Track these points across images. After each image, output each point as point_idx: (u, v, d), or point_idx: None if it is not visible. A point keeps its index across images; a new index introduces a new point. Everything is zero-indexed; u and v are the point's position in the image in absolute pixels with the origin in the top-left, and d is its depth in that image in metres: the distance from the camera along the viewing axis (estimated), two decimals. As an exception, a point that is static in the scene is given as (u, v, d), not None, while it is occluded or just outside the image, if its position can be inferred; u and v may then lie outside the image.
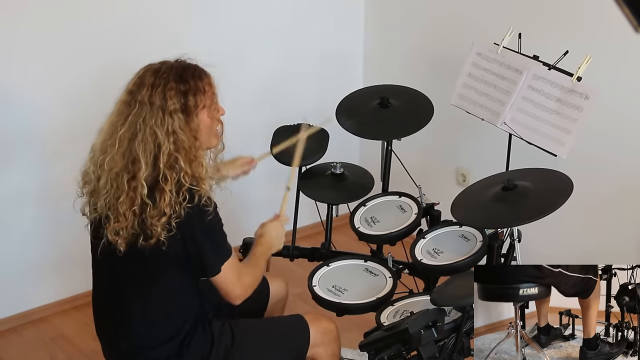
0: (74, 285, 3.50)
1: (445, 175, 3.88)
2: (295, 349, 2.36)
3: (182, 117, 2.10)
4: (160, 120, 2.08)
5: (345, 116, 3.07)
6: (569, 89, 2.69)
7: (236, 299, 2.24)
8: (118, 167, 2.08)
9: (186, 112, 2.11)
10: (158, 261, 2.11)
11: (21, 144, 3.26)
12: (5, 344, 3.35)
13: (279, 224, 2.45)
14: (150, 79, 2.11)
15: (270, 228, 2.42)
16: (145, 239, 2.07)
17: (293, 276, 3.07)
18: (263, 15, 3.75)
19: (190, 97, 2.12)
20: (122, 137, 2.09)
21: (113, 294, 2.23)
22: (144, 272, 2.16)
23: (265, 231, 2.41)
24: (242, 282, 2.24)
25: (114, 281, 2.22)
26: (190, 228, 2.09)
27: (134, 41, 3.37)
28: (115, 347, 2.28)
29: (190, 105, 2.12)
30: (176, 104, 2.09)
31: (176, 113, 2.09)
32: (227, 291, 2.22)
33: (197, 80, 2.16)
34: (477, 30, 3.49)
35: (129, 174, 2.07)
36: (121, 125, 2.10)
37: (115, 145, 2.09)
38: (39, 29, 3.16)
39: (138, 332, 2.20)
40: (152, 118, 2.08)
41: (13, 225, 3.34)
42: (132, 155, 2.08)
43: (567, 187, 2.45)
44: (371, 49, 4.12)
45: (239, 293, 2.24)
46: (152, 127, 2.07)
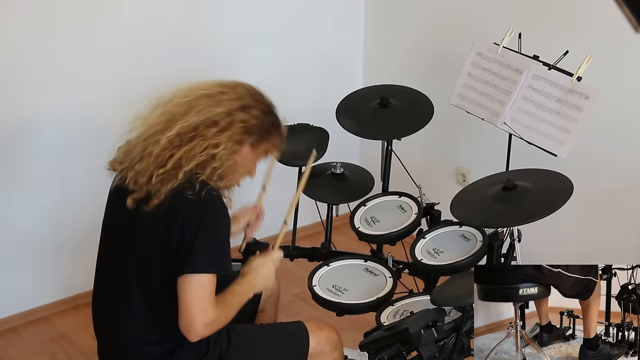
0: (74, 285, 3.50)
1: (445, 175, 3.88)
2: (293, 356, 2.33)
3: (246, 149, 2.18)
4: (230, 138, 2.13)
5: (345, 116, 3.07)
6: (569, 89, 2.69)
7: (193, 333, 2.07)
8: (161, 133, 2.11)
9: (253, 147, 2.20)
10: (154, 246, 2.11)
11: (21, 142, 3.26)
12: (5, 344, 3.35)
13: (269, 260, 2.28)
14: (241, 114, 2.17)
15: (258, 264, 2.27)
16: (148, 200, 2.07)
17: (293, 276, 3.07)
18: (262, 15, 3.75)
19: (264, 143, 2.22)
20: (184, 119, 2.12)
21: (114, 284, 2.22)
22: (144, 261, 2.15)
23: (251, 268, 2.25)
24: (205, 315, 2.05)
25: (116, 271, 2.21)
26: (189, 217, 2.07)
27: (130, 46, 3.37)
28: (111, 340, 2.27)
29: (258, 146, 2.21)
30: (251, 139, 2.18)
31: (244, 144, 2.16)
32: (188, 319, 2.05)
33: (277, 137, 2.27)
34: (477, 30, 3.48)
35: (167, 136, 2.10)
36: (195, 113, 2.13)
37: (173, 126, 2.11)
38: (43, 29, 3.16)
39: (135, 326, 2.18)
40: (227, 132, 2.13)
41: (13, 225, 3.33)
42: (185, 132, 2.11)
43: (567, 188, 2.45)
44: (371, 48, 4.12)
45: (197, 328, 2.06)
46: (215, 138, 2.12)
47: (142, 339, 2.19)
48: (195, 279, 2.06)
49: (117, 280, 2.21)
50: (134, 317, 2.18)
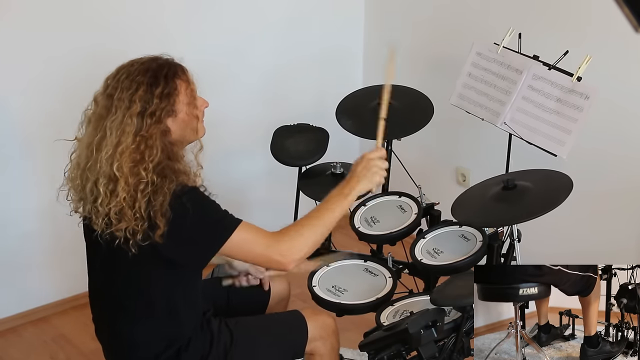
0: (74, 285, 3.51)
1: (445, 175, 3.88)
2: (294, 344, 2.36)
3: (154, 119, 2.04)
4: (136, 124, 2.02)
5: (345, 116, 3.07)
6: (569, 89, 2.69)
7: (280, 265, 2.10)
8: (103, 172, 2.02)
9: (161, 113, 2.05)
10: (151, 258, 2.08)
11: (21, 141, 3.27)
12: (5, 344, 3.35)
13: (368, 158, 2.24)
14: (125, 82, 2.05)
15: (359, 165, 2.24)
16: (152, 230, 2.01)
17: (293, 276, 3.05)
18: (263, 15, 3.75)
19: (164, 99, 2.06)
20: (102, 142, 2.04)
21: (110, 292, 2.22)
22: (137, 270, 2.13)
23: (352, 171, 2.23)
24: (270, 244, 2.07)
25: (111, 279, 2.21)
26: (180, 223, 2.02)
27: (130, 39, 3.37)
28: (112, 345, 2.27)
29: (164, 108, 2.05)
30: (151, 107, 2.04)
31: (150, 116, 2.04)
32: (267, 263, 2.10)
33: (172, 80, 2.09)
34: (477, 30, 3.49)
35: (116, 180, 2.01)
36: (101, 130, 2.05)
37: (100, 151, 2.03)
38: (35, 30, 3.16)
39: (137, 332, 2.19)
40: (128, 121, 2.02)
41: (14, 225, 3.34)
42: (117, 161, 2.01)
43: (567, 184, 2.45)
44: (371, 48, 4.12)
45: (277, 258, 2.08)
46: (127, 132, 2.02)
47: (144, 343, 2.19)
48: (229, 245, 2.05)
49: (110, 286, 2.20)
50: (133, 322, 2.18)
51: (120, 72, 2.09)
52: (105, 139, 2.03)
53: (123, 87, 2.05)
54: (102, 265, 2.20)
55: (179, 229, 2.01)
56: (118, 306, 2.18)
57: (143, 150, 2.02)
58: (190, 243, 2.06)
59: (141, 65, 2.09)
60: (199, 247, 2.08)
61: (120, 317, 2.19)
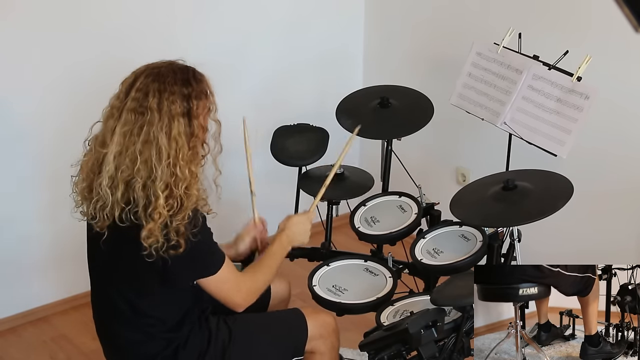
0: (74, 285, 3.51)
1: (445, 175, 3.88)
2: (294, 342, 2.36)
3: (184, 121, 2.05)
4: (184, 125, 2.04)
5: (345, 116, 3.07)
6: (569, 89, 2.69)
7: (236, 306, 2.21)
8: (160, 178, 2.01)
9: (189, 115, 2.07)
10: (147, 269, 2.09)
11: (21, 141, 3.26)
12: (5, 344, 3.35)
13: (306, 218, 2.42)
14: (154, 84, 2.04)
15: (297, 220, 2.41)
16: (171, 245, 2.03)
17: (293, 276, 3.06)
18: (264, 16, 3.75)
19: (201, 98, 2.09)
20: (138, 148, 2.03)
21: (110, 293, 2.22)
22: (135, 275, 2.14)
23: (289, 223, 2.39)
24: (239, 292, 2.19)
25: (110, 280, 2.21)
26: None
27: (133, 41, 3.37)
28: (113, 342, 2.27)
29: (193, 109, 2.07)
30: (193, 107, 2.06)
31: (196, 116, 2.07)
32: (228, 303, 2.20)
33: (200, 81, 2.12)
34: (477, 30, 3.49)
35: (151, 180, 2.02)
36: (137, 135, 2.03)
37: (134, 157, 2.02)
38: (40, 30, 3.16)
39: (135, 329, 2.19)
40: (175, 124, 2.03)
41: (14, 225, 3.34)
42: (149, 163, 2.02)
43: (567, 189, 2.45)
44: (371, 49, 4.12)
45: (238, 301, 2.20)
46: (179, 134, 2.03)
47: (142, 342, 2.19)
48: (206, 282, 2.13)
49: (109, 286, 2.20)
50: (130, 323, 2.18)
51: (142, 76, 2.07)
52: (152, 145, 2.01)
53: (154, 90, 2.03)
54: (103, 267, 2.20)
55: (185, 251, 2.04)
56: (115, 307, 2.18)
57: (197, 150, 2.07)
58: (185, 266, 2.09)
59: (164, 68, 2.08)
60: (190, 273, 2.12)
61: (118, 317, 2.19)
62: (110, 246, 2.11)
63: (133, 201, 2.03)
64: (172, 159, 2.01)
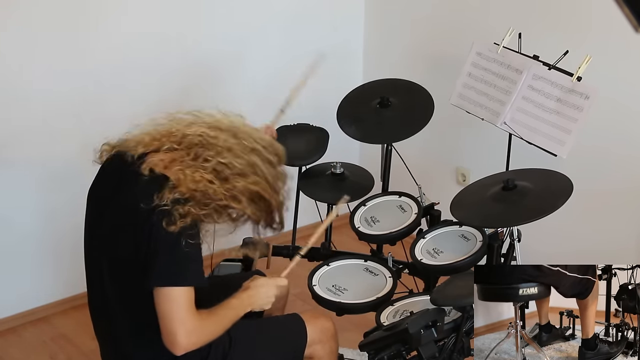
0: (74, 285, 3.50)
1: (445, 175, 3.88)
2: (293, 348, 2.35)
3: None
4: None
5: (347, 123, 3.07)
6: (569, 89, 2.69)
7: (175, 345, 1.98)
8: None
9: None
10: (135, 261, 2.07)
11: (22, 141, 3.26)
12: (5, 344, 3.35)
13: (273, 283, 2.25)
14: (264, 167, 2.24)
15: (261, 283, 2.23)
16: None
17: (293, 276, 3.05)
18: (261, 14, 3.75)
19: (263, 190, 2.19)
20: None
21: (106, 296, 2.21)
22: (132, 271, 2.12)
23: (254, 285, 2.22)
24: (184, 326, 1.97)
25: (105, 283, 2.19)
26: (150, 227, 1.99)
27: (129, 44, 3.37)
28: (112, 349, 2.27)
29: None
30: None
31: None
32: (168, 331, 1.98)
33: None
34: (477, 29, 3.49)
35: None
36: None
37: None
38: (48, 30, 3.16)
39: (133, 334, 2.17)
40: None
41: (13, 225, 3.33)
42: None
43: (567, 188, 2.45)
44: (371, 47, 4.12)
45: (179, 335, 1.97)
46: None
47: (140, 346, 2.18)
48: (164, 291, 1.99)
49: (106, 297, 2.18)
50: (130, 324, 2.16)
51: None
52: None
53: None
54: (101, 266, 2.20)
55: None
56: (113, 310, 2.17)
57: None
58: (165, 261, 2.01)
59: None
60: (166, 269, 2.01)
61: (116, 320, 2.18)
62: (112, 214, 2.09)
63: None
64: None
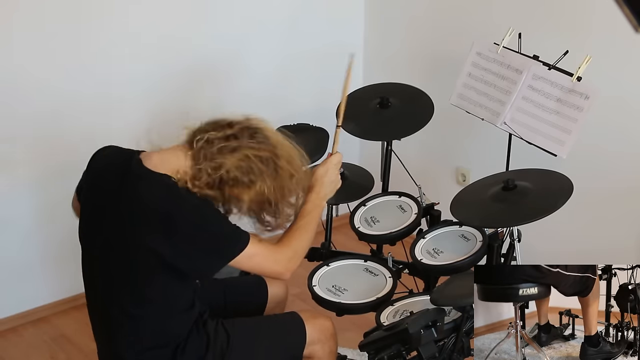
0: (74, 285, 3.50)
1: (445, 175, 3.88)
2: (292, 347, 2.34)
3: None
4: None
5: (347, 120, 3.06)
6: (569, 89, 2.69)
7: (279, 275, 2.19)
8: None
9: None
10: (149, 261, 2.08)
11: (21, 141, 3.27)
12: (5, 344, 3.35)
13: (330, 165, 2.34)
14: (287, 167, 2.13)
15: (321, 172, 2.32)
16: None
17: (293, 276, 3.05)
18: (262, 15, 3.75)
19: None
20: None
21: (106, 294, 2.21)
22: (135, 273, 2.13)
23: (316, 179, 2.30)
24: (275, 259, 2.16)
25: (107, 280, 2.20)
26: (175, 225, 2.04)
27: (128, 45, 3.37)
28: (109, 349, 2.27)
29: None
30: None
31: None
32: (263, 272, 2.21)
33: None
34: (477, 29, 3.49)
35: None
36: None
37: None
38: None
39: (132, 334, 2.17)
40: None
41: (13, 225, 3.33)
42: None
43: (567, 188, 2.45)
44: (371, 46, 4.12)
45: (278, 270, 2.18)
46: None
47: (139, 347, 2.18)
48: (240, 259, 2.09)
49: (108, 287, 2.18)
50: (129, 325, 2.16)
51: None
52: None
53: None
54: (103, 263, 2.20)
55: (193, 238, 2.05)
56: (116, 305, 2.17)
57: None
58: (202, 256, 2.08)
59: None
60: (208, 261, 2.10)
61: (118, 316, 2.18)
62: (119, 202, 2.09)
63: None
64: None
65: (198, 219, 2.05)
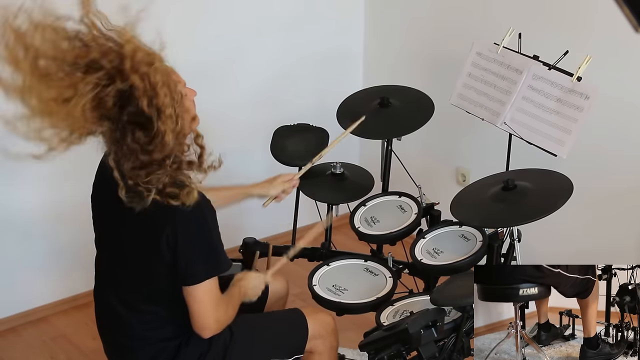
0: (74, 285, 3.51)
1: (445, 175, 3.88)
2: (294, 342, 2.36)
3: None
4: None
5: (346, 118, 3.07)
6: (569, 89, 2.69)
7: (206, 327, 2.12)
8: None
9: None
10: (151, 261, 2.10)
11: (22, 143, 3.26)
12: (5, 344, 3.35)
13: (261, 278, 2.38)
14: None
15: (250, 277, 2.35)
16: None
17: (293, 276, 3.06)
18: (263, 15, 3.75)
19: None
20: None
21: (114, 289, 2.22)
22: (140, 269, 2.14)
23: (245, 277, 2.34)
24: (217, 312, 2.12)
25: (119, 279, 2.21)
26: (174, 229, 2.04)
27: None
28: (114, 341, 2.28)
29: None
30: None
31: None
32: (203, 314, 2.10)
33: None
34: (477, 29, 3.49)
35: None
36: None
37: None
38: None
39: (136, 328, 2.19)
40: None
41: (13, 225, 3.34)
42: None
43: (567, 188, 2.45)
44: (371, 48, 4.12)
45: (211, 320, 2.11)
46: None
47: (144, 340, 2.19)
48: (199, 288, 2.08)
49: (116, 282, 2.21)
50: (136, 318, 2.18)
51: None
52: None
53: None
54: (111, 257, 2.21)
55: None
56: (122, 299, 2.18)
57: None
58: (199, 258, 2.08)
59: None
60: (202, 266, 2.09)
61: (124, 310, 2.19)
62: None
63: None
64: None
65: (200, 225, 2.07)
